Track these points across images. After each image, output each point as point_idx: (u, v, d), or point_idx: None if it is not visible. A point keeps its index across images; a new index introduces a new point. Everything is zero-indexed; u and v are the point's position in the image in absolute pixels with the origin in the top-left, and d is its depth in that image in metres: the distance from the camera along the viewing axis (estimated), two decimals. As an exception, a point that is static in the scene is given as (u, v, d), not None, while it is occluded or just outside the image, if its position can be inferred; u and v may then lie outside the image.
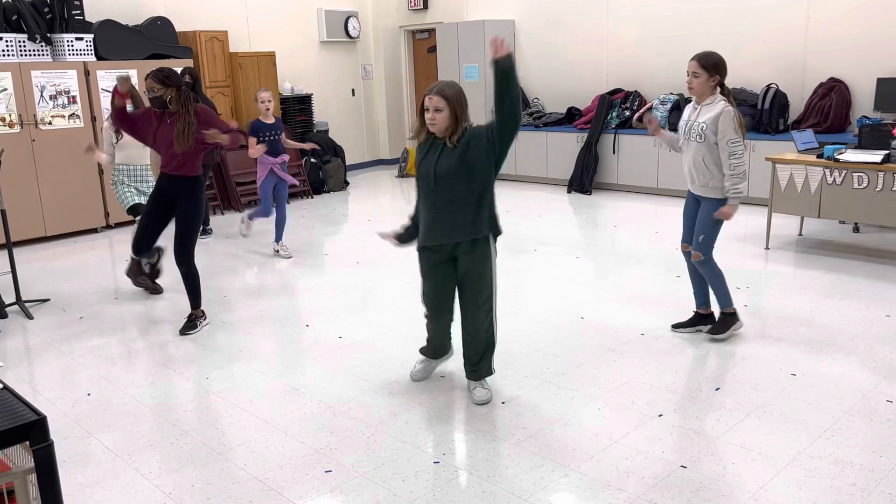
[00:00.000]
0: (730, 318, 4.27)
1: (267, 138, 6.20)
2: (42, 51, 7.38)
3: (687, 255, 4.30)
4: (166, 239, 4.94)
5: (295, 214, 8.28)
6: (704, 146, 3.97)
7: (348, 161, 10.81)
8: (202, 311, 4.83)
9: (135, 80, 7.36)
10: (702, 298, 4.36)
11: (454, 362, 4.03)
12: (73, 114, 7.47)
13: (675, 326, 4.42)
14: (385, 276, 5.79)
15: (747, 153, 7.73)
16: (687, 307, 4.81)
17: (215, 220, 8.23)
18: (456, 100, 3.38)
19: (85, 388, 3.97)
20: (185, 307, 5.24)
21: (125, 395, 3.85)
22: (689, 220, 4.26)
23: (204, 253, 6.72)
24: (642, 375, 3.83)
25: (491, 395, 3.63)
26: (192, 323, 4.74)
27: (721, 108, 3.92)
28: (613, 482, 2.89)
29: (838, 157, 5.63)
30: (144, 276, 5.52)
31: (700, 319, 4.38)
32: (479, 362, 3.63)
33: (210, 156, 6.98)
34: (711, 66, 3.92)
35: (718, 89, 3.99)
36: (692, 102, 4.13)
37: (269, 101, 6.23)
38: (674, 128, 8.25)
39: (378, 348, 4.33)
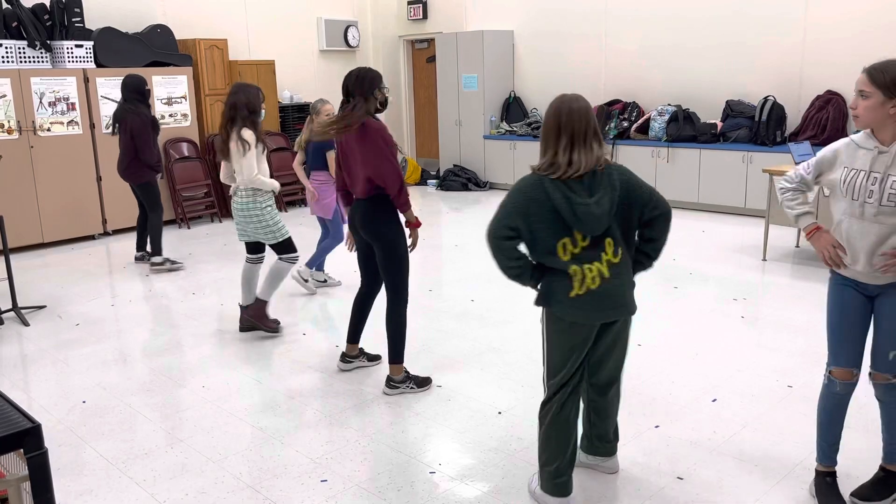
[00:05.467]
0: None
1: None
2: (42, 57, 7.39)
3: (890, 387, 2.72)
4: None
5: (292, 223, 8.28)
6: None
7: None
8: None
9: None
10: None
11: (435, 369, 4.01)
12: (72, 120, 7.47)
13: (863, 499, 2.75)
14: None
15: (744, 165, 7.76)
16: (683, 317, 4.81)
17: (212, 228, 8.23)
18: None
19: (80, 395, 3.95)
20: (182, 313, 5.23)
21: (120, 403, 3.84)
22: (858, 328, 2.68)
23: (203, 256, 6.72)
24: (638, 386, 3.82)
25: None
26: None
27: None
28: (609, 493, 2.89)
29: (835, 169, 5.61)
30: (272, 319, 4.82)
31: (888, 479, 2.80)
32: None
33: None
34: (890, 83, 2.40)
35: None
36: (859, 140, 2.55)
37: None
38: (672, 140, 8.28)
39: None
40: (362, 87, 3.61)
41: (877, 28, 7.23)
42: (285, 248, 4.67)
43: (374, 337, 4.52)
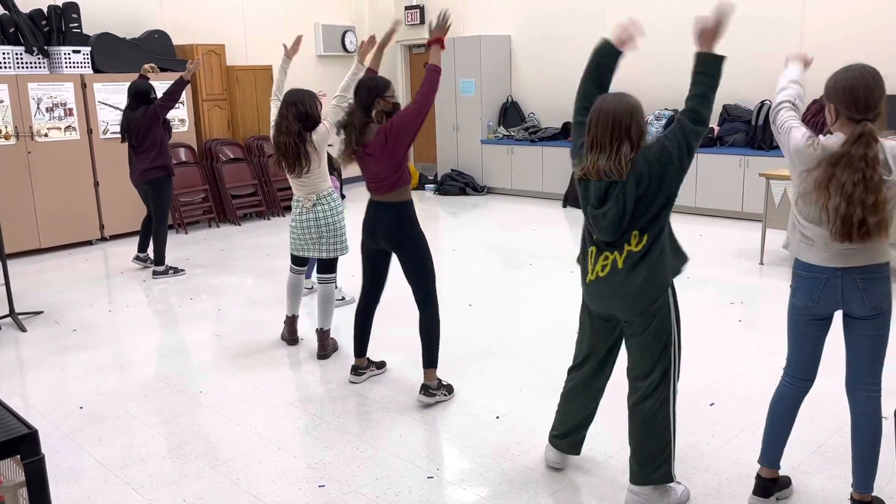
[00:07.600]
0: None
1: None
2: (39, 63, 7.39)
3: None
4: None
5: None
6: None
7: (344, 175, 10.80)
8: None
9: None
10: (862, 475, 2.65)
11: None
12: (70, 126, 7.47)
13: None
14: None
15: (741, 170, 7.77)
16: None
17: (210, 233, 8.23)
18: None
19: (77, 401, 3.95)
20: (179, 318, 5.23)
21: (118, 409, 3.83)
22: (815, 339, 2.84)
23: (201, 261, 6.72)
24: (637, 390, 3.82)
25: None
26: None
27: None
28: (608, 497, 2.89)
29: (832, 173, 5.62)
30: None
31: None
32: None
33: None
34: (826, 88, 2.80)
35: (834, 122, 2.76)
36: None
37: None
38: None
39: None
40: (360, 97, 3.61)
41: (874, 31, 7.25)
42: (332, 265, 4.49)
43: (372, 342, 4.52)
